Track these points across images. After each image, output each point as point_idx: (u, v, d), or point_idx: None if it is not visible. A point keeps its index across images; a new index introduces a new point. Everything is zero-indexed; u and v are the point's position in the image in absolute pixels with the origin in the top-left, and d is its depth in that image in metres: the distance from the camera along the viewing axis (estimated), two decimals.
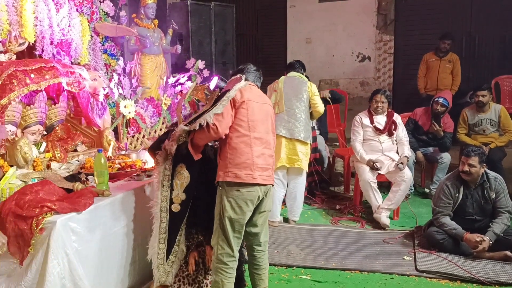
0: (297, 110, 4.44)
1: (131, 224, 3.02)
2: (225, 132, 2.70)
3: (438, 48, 6.54)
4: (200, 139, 2.72)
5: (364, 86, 8.52)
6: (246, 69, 2.99)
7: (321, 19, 8.59)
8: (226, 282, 2.75)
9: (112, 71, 4.53)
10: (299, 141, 4.40)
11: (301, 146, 4.43)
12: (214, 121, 2.64)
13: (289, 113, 4.43)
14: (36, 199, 2.52)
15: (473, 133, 5.39)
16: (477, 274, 3.44)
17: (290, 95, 4.48)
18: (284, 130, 4.40)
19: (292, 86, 4.52)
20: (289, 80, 4.59)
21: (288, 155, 4.44)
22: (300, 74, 4.68)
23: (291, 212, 4.65)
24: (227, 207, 2.70)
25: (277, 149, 4.33)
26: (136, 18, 5.33)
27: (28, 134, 3.40)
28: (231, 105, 2.72)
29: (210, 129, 2.64)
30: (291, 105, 4.45)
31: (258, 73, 3.05)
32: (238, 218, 2.71)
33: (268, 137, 2.87)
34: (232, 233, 2.72)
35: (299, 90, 4.49)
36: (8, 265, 2.54)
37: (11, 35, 3.47)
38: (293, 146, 4.43)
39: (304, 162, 4.46)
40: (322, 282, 3.45)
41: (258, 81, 3.04)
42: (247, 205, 2.72)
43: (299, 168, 4.47)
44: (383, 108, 4.79)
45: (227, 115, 2.69)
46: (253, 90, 2.89)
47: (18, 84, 3.13)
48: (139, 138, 4.57)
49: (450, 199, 3.86)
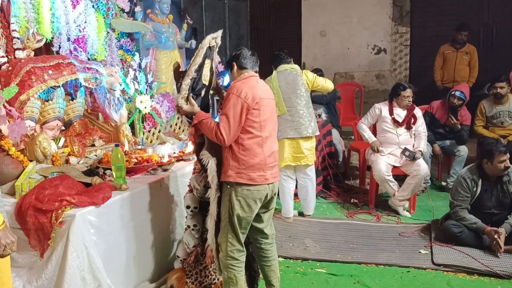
0: (299, 107, 4.28)
1: (148, 217, 3.06)
2: (231, 142, 2.65)
3: (455, 39, 6.45)
4: (205, 131, 2.70)
5: (380, 79, 8.44)
6: (242, 55, 2.80)
7: (335, 12, 8.53)
8: (239, 276, 2.76)
9: (128, 66, 4.57)
10: (302, 138, 4.29)
11: (305, 143, 4.31)
12: (222, 131, 2.58)
13: (291, 112, 4.28)
14: (55, 193, 2.57)
15: (491, 125, 5.32)
16: (495, 267, 3.41)
17: (289, 93, 4.29)
18: (291, 132, 4.28)
19: (288, 82, 4.32)
20: (282, 76, 4.34)
21: (293, 154, 4.34)
22: (291, 65, 4.41)
23: (304, 207, 4.62)
24: (236, 205, 2.67)
25: (280, 149, 4.15)
26: (151, 13, 5.36)
27: (46, 130, 3.45)
28: (242, 112, 2.62)
29: (217, 138, 2.61)
30: (291, 103, 4.29)
31: (254, 57, 2.85)
32: (246, 216, 2.70)
33: (274, 133, 2.85)
34: (240, 230, 2.72)
35: (296, 85, 4.30)
36: (29, 257, 2.60)
37: (29, 32, 3.53)
38: (297, 145, 4.31)
39: (310, 158, 4.37)
40: (337, 275, 3.46)
41: (256, 66, 2.85)
42: (255, 204, 2.71)
43: (306, 164, 4.39)
44: (409, 103, 4.73)
45: (237, 125, 2.62)
46: (260, 84, 2.80)
47: (36, 80, 3.18)
48: (155, 132, 4.61)
49: (468, 192, 3.82)
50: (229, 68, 2.86)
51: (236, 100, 2.63)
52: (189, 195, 2.98)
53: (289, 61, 4.45)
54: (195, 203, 2.95)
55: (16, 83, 3.12)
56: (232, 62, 2.83)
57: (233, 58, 2.83)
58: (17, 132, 2.87)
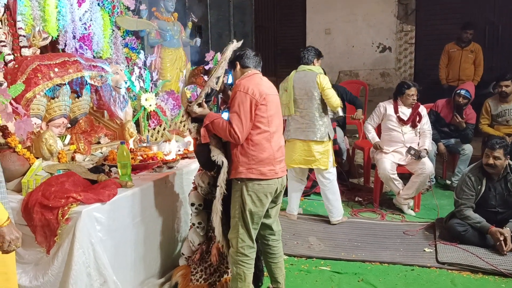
0: (309, 110, 4.15)
1: (153, 215, 3.07)
2: (244, 139, 2.67)
3: (460, 38, 6.43)
4: (217, 131, 2.71)
5: (384, 77, 8.43)
6: (245, 55, 2.82)
7: (340, 9, 8.50)
8: (248, 273, 2.78)
9: (133, 64, 4.59)
10: (314, 141, 4.16)
11: (317, 146, 4.17)
12: (235, 129, 2.60)
13: (302, 113, 4.19)
14: (62, 190, 2.58)
15: (496, 124, 5.30)
16: (499, 266, 3.40)
17: (301, 94, 4.17)
18: (299, 133, 4.20)
19: (302, 83, 4.17)
20: (298, 77, 4.22)
21: (304, 157, 4.23)
22: (309, 66, 4.23)
23: (328, 213, 4.43)
24: (248, 200, 2.69)
25: (291, 150, 4.20)
26: (156, 11, 5.38)
27: (52, 127, 3.47)
28: (251, 108, 2.64)
29: (231, 137, 2.63)
30: (303, 105, 4.18)
31: (258, 57, 2.87)
32: (258, 210, 2.73)
33: (281, 128, 2.87)
34: (251, 225, 2.74)
35: (309, 87, 4.13)
36: (35, 254, 2.62)
37: (35, 30, 3.55)
38: (308, 147, 4.19)
39: (322, 161, 4.19)
40: (342, 273, 3.46)
41: (259, 66, 2.88)
42: (266, 198, 2.74)
43: (318, 168, 4.25)
44: (414, 101, 4.71)
45: (248, 121, 2.64)
46: (264, 81, 2.82)
47: (42, 78, 3.20)
48: (160, 130, 4.63)
49: (472, 191, 3.82)
50: (232, 67, 2.87)
51: (244, 97, 2.65)
52: (194, 193, 3.00)
53: (308, 61, 4.25)
54: (200, 200, 2.97)
55: (22, 81, 3.13)
56: (235, 62, 2.84)
57: (236, 58, 2.84)
58: (23, 130, 2.89)
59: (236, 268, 2.77)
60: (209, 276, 3.01)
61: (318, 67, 4.28)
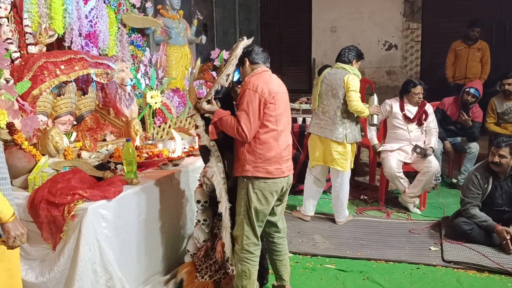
0: (331, 107, 4.09)
1: (159, 212, 3.08)
2: (252, 137, 2.67)
3: (467, 36, 6.39)
4: (225, 128, 2.71)
5: (390, 75, 8.40)
6: (254, 51, 2.80)
7: (346, 7, 8.48)
8: (253, 270, 2.78)
9: (138, 62, 4.60)
10: (334, 141, 4.09)
11: (337, 145, 4.09)
12: (243, 127, 2.59)
13: (323, 109, 4.14)
14: (68, 186, 2.59)
15: (503, 122, 5.28)
16: (506, 265, 3.38)
17: (327, 90, 4.12)
18: (316, 128, 4.18)
19: (331, 79, 4.12)
20: (330, 73, 4.19)
21: (324, 154, 4.18)
22: (343, 65, 4.15)
23: (334, 212, 4.41)
24: (253, 198, 2.69)
25: (313, 148, 4.21)
26: (162, 9, 5.38)
27: (58, 124, 3.49)
28: (260, 106, 2.63)
29: (239, 135, 2.62)
30: (327, 102, 4.12)
31: (266, 53, 2.85)
32: (263, 208, 2.73)
33: (289, 126, 2.86)
34: (257, 222, 2.74)
35: (335, 85, 4.07)
36: (42, 250, 2.64)
37: (41, 27, 3.57)
38: (327, 145, 4.13)
39: (340, 162, 4.11)
40: (347, 271, 3.45)
41: (268, 62, 2.85)
42: (272, 196, 2.74)
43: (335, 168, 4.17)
44: (420, 99, 4.69)
45: (256, 120, 2.63)
46: (273, 78, 2.80)
47: (49, 75, 3.22)
48: (165, 128, 4.64)
49: (479, 189, 3.80)
50: (241, 64, 2.84)
51: (253, 95, 2.63)
52: (199, 190, 3.00)
53: (347, 60, 4.18)
54: (205, 197, 2.97)
55: (28, 78, 3.15)
56: (244, 58, 2.81)
57: (245, 54, 2.81)
58: (29, 127, 2.90)
59: (241, 266, 2.77)
60: (214, 273, 3.01)
61: (354, 68, 4.19)
